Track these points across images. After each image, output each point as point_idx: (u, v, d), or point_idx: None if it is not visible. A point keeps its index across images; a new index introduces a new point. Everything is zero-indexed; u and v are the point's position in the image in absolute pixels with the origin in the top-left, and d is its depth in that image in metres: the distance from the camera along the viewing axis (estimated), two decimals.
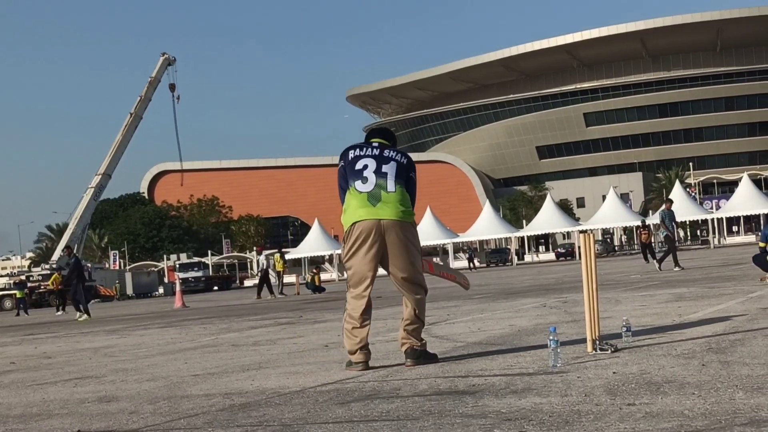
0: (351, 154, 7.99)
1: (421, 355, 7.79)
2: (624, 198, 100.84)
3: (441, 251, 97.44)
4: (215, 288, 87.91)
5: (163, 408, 6.49)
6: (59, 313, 42.30)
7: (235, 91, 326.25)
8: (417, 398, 5.94)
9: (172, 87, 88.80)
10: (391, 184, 7.84)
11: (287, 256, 62.39)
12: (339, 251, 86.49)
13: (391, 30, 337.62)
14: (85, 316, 29.79)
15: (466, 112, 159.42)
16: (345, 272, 8.07)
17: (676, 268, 27.66)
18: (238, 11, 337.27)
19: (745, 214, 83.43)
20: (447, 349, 9.02)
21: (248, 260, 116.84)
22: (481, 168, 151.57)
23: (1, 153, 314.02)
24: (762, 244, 17.32)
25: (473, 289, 26.36)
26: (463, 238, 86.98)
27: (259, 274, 40.20)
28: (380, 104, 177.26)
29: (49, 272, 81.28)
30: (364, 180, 7.83)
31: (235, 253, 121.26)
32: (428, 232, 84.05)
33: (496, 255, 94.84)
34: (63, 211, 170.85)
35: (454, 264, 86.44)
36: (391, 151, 8.03)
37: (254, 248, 55.91)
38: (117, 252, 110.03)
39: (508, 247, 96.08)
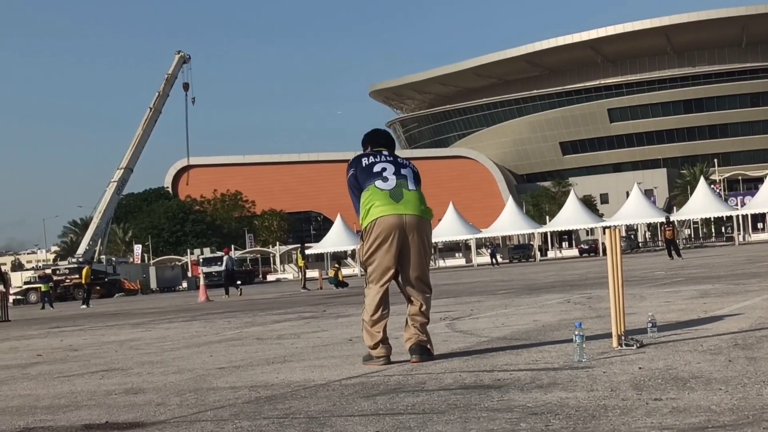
0: (365, 161, 8.03)
1: (425, 351, 7.81)
2: (648, 194, 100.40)
3: (463, 247, 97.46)
4: (238, 282, 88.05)
5: (190, 400, 6.53)
6: (84, 306, 42.51)
7: (259, 85, 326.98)
8: (442, 392, 5.95)
9: (186, 86, 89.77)
10: (411, 185, 7.91)
11: (308, 252, 62.45)
12: (358, 246, 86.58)
13: (414, 25, 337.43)
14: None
15: (490, 108, 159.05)
16: (363, 268, 8.07)
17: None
18: (260, 4, 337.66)
19: None
20: (471, 344, 9.03)
21: (271, 255, 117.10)
22: (504, 164, 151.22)
23: (26, 148, 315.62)
24: None
25: (496, 285, 26.34)
26: (486, 233, 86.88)
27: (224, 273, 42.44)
28: (403, 100, 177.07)
29: (76, 266, 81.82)
30: (385, 179, 7.87)
31: (258, 248, 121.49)
32: (450, 227, 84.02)
33: (518, 251, 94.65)
34: (87, 206, 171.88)
35: (477, 259, 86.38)
36: (403, 160, 8.15)
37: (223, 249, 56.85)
38: (141, 246, 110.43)
39: (531, 243, 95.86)
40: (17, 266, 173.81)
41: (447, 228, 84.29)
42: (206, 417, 5.67)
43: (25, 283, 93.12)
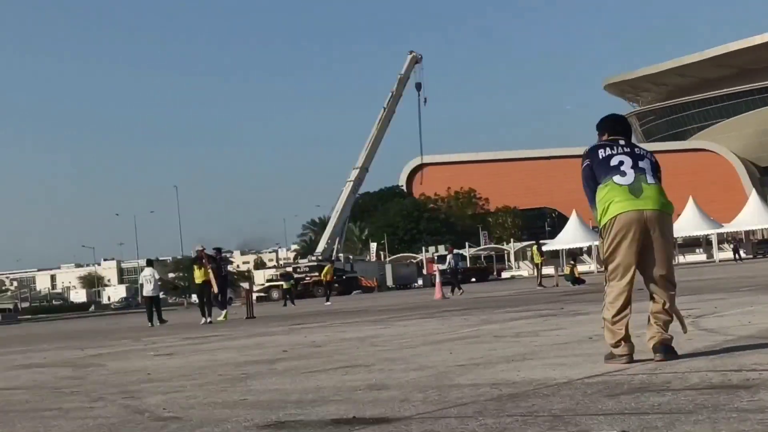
0: (601, 153, 7.87)
1: (669, 350, 7.62)
2: None
3: (704, 242, 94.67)
4: (473, 280, 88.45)
5: (433, 397, 6.63)
6: (327, 303, 43.62)
7: (489, 81, 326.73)
8: (689, 392, 5.82)
9: (419, 86, 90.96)
10: (650, 178, 7.73)
11: (543, 248, 62.00)
12: (597, 243, 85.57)
13: (647, 16, 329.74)
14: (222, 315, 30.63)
15: (730, 99, 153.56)
16: (604, 266, 7.94)
17: None
18: None
19: None
20: (717, 342, 8.79)
21: (505, 252, 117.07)
22: (746, 156, 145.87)
23: (268, 151, 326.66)
24: None
25: (740, 281, 25.49)
26: (728, 228, 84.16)
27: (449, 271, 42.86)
28: (639, 92, 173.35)
29: (315, 264, 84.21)
30: (623, 174, 7.70)
31: (493, 245, 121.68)
32: (690, 222, 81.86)
33: (764, 246, 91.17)
34: (325, 205, 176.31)
35: (719, 255, 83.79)
36: (641, 149, 7.94)
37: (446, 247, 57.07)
38: (376, 244, 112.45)
39: None
40: (259, 265, 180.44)
41: (687, 223, 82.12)
42: (450, 414, 5.75)
43: (268, 281, 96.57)
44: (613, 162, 7.79)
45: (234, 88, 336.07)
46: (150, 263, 35.02)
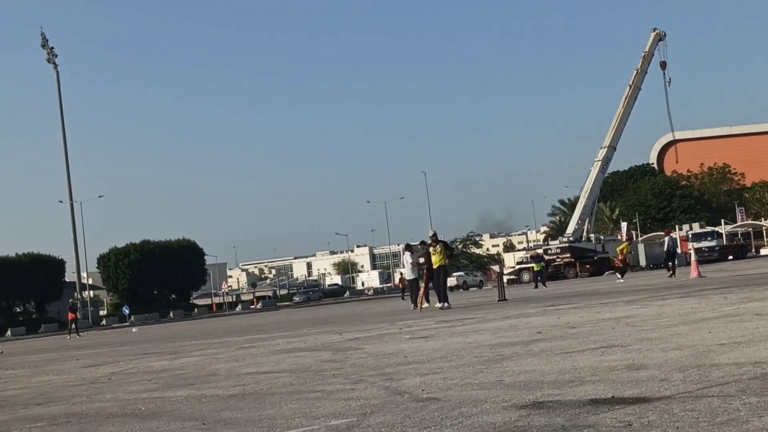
0: None
1: None
2: None
3: None
4: (730, 257, 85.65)
5: (693, 376, 6.51)
6: (620, 280, 42.94)
7: (742, 51, 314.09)
8: None
9: (663, 65, 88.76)
10: None
11: None
12: None
13: None
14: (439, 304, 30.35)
15: None
16: None
17: None
18: None
19: None
20: None
21: (763, 228, 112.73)
22: None
23: (514, 132, 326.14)
24: None
25: None
26: None
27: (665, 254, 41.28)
28: None
29: (567, 245, 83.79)
30: None
31: (750, 221, 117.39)
32: None
33: None
34: (574, 185, 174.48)
35: None
36: None
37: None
38: (627, 223, 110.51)
39: None
40: (509, 247, 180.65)
41: None
42: (711, 393, 5.64)
43: (518, 263, 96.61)
44: None
45: (475, 76, 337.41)
46: (409, 248, 35.44)
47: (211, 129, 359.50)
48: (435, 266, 29.87)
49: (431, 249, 30.07)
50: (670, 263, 42.11)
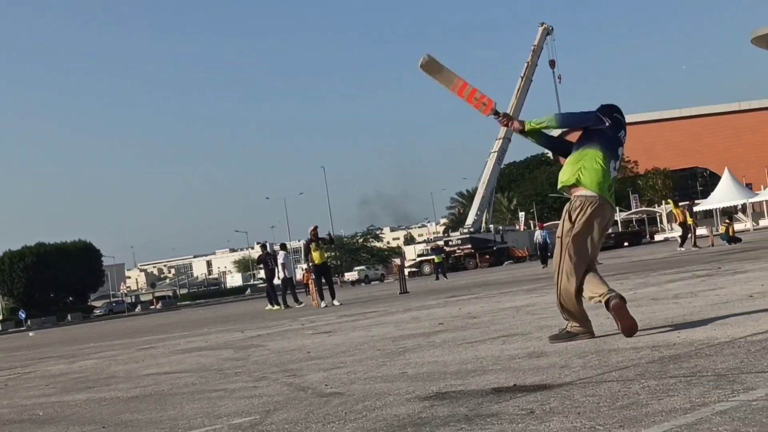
0: (621, 134, 8.11)
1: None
2: None
3: None
4: (625, 244, 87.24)
5: (593, 362, 6.59)
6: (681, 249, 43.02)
7: (629, 41, 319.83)
8: None
9: (552, 63, 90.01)
10: None
11: (696, 208, 60.60)
12: (752, 199, 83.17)
13: None
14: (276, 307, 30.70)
15: None
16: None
17: None
18: None
19: None
20: None
21: (657, 214, 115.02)
22: None
23: (414, 126, 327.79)
24: None
25: None
26: None
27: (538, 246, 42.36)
28: None
29: (467, 236, 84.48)
30: (614, 169, 8.00)
31: (644, 208, 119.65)
32: None
33: None
34: (472, 177, 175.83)
35: None
36: None
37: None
38: (525, 213, 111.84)
39: None
40: (409, 240, 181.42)
41: None
42: (611, 377, 5.71)
43: (419, 255, 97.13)
44: (619, 152, 7.94)
45: (369, 70, 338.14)
46: (283, 247, 35.09)
47: (105, 126, 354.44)
48: (318, 263, 28.84)
49: (312, 246, 29.02)
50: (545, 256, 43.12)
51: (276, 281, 33.23)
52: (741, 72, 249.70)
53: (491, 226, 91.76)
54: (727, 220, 44.52)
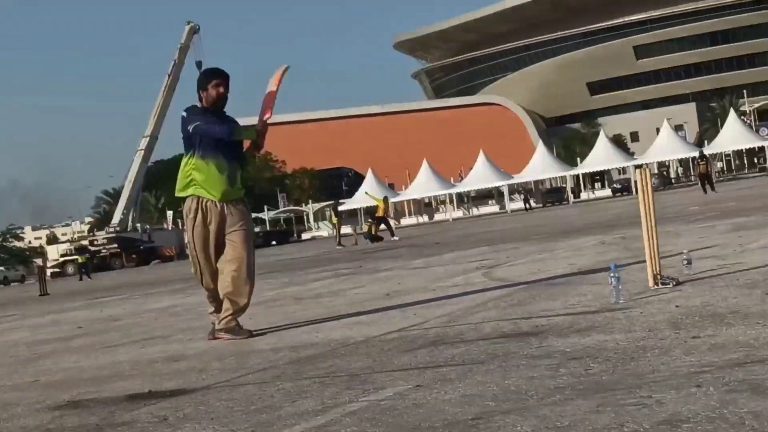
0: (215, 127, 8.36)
1: None
2: (678, 129, 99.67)
3: (496, 194, 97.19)
4: (273, 243, 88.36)
5: (231, 364, 6.58)
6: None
7: (285, 43, 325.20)
8: (481, 342, 5.97)
9: (199, 65, 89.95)
10: None
11: (342, 208, 62.27)
12: (394, 199, 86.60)
13: None
14: None
15: (515, 53, 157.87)
16: None
17: None
18: None
19: None
20: (509, 292, 9.03)
21: (304, 213, 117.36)
22: (532, 108, 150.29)
23: (56, 121, 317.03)
24: None
25: (531, 230, 26.30)
26: (518, 179, 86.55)
27: None
28: (428, 49, 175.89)
29: (114, 235, 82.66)
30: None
31: (292, 207, 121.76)
32: (482, 174, 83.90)
33: (552, 195, 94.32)
34: (118, 174, 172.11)
35: (511, 206, 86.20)
36: None
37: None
38: (173, 212, 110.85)
39: (564, 186, 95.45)
40: (52, 239, 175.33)
41: (479, 175, 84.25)
42: (248, 380, 5.72)
43: (62, 255, 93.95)
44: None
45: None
46: None
47: None
48: None
49: None
50: None
51: None
52: (384, 75, 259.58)
53: (138, 225, 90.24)
54: (370, 219, 45.93)
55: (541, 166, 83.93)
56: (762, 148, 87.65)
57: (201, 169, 8.10)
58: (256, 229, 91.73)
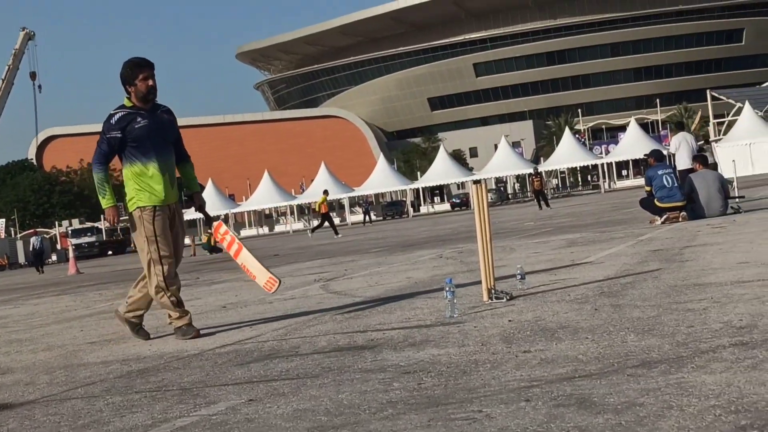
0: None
1: None
2: (515, 146, 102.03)
3: (337, 206, 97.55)
4: (109, 252, 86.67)
5: (60, 378, 6.40)
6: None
7: (124, 50, 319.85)
8: (316, 355, 5.95)
9: (33, 76, 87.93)
10: None
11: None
12: (234, 210, 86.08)
13: None
14: None
15: (357, 66, 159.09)
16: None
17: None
18: None
19: (633, 158, 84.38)
20: (345, 305, 9.05)
21: None
22: (374, 122, 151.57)
23: None
24: (647, 188, 17.55)
25: (370, 243, 26.47)
26: (359, 192, 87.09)
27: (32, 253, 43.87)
28: (270, 61, 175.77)
29: None
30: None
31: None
32: (323, 187, 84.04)
33: (391, 208, 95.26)
34: None
35: (351, 218, 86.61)
36: None
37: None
38: (5, 220, 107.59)
39: (404, 199, 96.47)
40: None
41: (320, 188, 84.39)
42: (77, 394, 5.57)
43: None
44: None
45: None
46: None
47: None
48: None
49: None
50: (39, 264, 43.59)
51: None
52: (228, 85, 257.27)
53: None
54: (209, 230, 45.48)
55: (382, 179, 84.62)
56: (595, 166, 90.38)
57: (143, 174, 8.08)
58: (92, 239, 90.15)
